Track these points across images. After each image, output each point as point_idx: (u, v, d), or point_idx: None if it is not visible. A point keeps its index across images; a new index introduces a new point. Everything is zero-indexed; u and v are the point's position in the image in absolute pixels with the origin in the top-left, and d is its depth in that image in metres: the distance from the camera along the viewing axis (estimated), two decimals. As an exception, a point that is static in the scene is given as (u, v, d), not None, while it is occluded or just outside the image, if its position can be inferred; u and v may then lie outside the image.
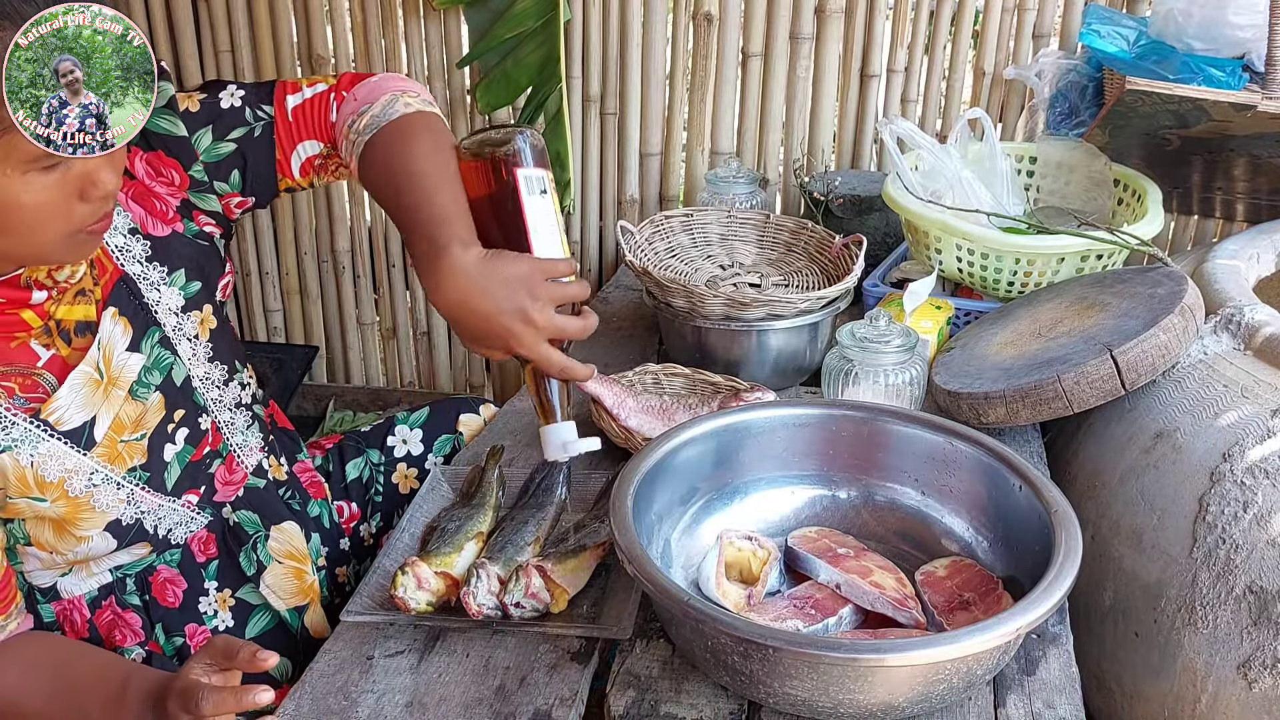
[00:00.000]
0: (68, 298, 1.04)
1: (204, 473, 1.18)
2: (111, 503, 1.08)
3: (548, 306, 1.00)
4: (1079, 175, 1.72)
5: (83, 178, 0.91)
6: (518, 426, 1.44)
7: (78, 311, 1.05)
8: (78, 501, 1.05)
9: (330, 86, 1.16)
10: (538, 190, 1.05)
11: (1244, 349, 1.31)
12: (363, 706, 0.96)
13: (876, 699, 0.88)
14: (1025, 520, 1.04)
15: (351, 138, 1.12)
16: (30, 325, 1.02)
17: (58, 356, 1.04)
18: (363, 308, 2.46)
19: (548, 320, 1.00)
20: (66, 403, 1.03)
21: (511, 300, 0.98)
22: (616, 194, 2.21)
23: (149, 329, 1.10)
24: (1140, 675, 1.23)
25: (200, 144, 1.12)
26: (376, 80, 1.16)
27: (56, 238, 0.93)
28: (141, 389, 1.09)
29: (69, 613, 1.15)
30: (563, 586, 1.05)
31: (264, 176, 1.16)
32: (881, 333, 1.31)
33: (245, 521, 1.23)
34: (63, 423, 1.03)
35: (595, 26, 2.05)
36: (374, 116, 1.11)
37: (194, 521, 1.18)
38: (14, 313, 1.00)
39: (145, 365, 1.10)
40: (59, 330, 1.04)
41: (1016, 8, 1.94)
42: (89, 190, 0.92)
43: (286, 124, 1.15)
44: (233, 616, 1.22)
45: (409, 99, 1.13)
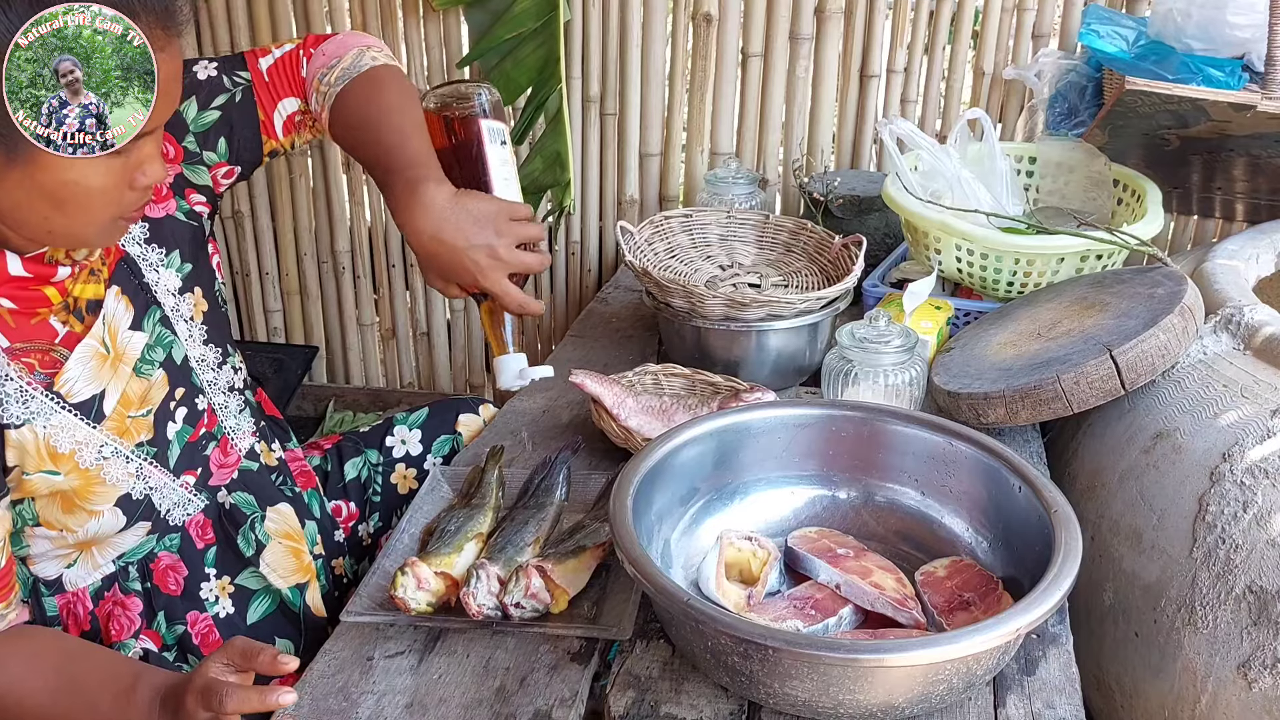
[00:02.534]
0: (83, 276, 1.07)
1: (200, 454, 1.20)
2: (121, 476, 1.10)
3: (512, 244, 1.10)
4: (1078, 175, 1.72)
5: (138, 164, 0.95)
6: (518, 427, 1.44)
7: (89, 290, 1.08)
8: (89, 474, 1.07)
9: (297, 45, 1.22)
10: (498, 140, 1.17)
11: (1244, 349, 1.31)
12: (363, 707, 0.95)
13: (876, 699, 0.88)
14: (1025, 520, 1.04)
15: (323, 90, 1.18)
16: (52, 301, 1.04)
17: (72, 333, 1.06)
18: (363, 308, 2.46)
19: (511, 255, 1.10)
20: (75, 375, 1.05)
21: (480, 236, 1.08)
22: (616, 194, 2.21)
23: (149, 308, 1.13)
24: (1140, 675, 1.23)
25: (188, 114, 1.16)
26: (341, 37, 1.23)
27: (104, 220, 0.97)
28: (146, 366, 1.12)
29: (72, 605, 1.16)
30: (563, 587, 1.05)
31: (249, 140, 1.20)
32: (881, 333, 1.31)
33: (241, 503, 1.24)
34: (73, 394, 1.05)
35: (595, 27, 2.05)
36: (344, 70, 1.18)
37: (190, 504, 1.19)
38: (38, 289, 1.02)
39: (148, 343, 1.13)
40: (74, 308, 1.07)
41: (1016, 8, 1.94)
42: (139, 178, 0.96)
43: (264, 84, 1.20)
44: (233, 603, 1.23)
45: (375, 54, 1.21)
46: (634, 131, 2.13)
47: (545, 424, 1.45)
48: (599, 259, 2.29)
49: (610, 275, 2.23)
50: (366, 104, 1.16)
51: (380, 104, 1.15)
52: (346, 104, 1.17)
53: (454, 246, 1.08)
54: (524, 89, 2.05)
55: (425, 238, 1.08)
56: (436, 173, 1.10)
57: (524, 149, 2.14)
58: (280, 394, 2.32)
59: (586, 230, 2.25)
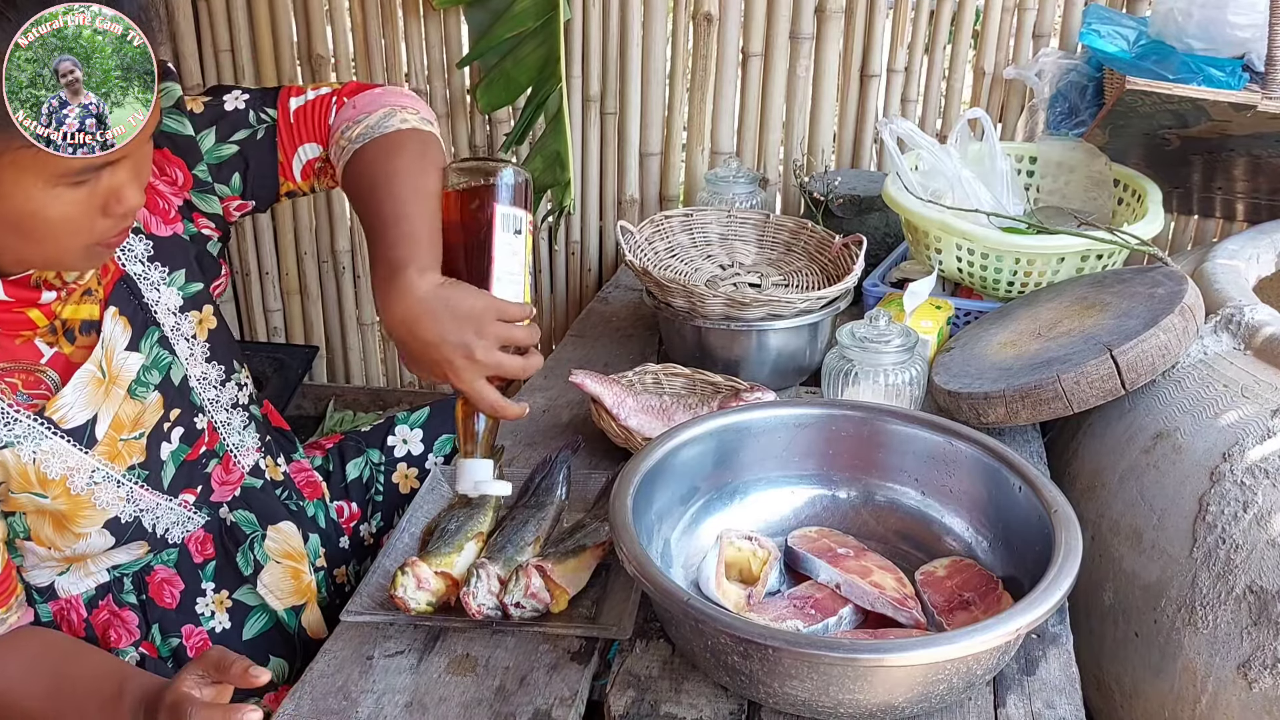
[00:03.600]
0: (74, 298, 1.05)
1: (200, 472, 1.18)
2: (111, 500, 1.08)
3: (492, 346, 1.00)
4: (1079, 175, 1.72)
5: (109, 193, 0.92)
6: (517, 426, 1.44)
7: (83, 311, 1.06)
8: (78, 499, 1.05)
9: (333, 90, 1.17)
10: (512, 229, 1.05)
11: (1244, 349, 1.31)
12: (363, 707, 0.95)
13: (876, 699, 0.88)
14: (1025, 520, 1.04)
15: (342, 144, 1.12)
16: (36, 324, 1.02)
17: (60, 354, 1.05)
18: (363, 308, 2.46)
19: (489, 357, 0.99)
20: (70, 401, 1.04)
21: (458, 333, 0.98)
22: (616, 194, 2.21)
23: (148, 328, 1.11)
24: (1140, 675, 1.23)
25: (204, 144, 1.13)
26: (379, 92, 1.16)
27: (76, 248, 0.94)
28: (140, 388, 1.10)
29: (66, 612, 1.15)
30: (563, 586, 1.05)
31: (265, 179, 1.16)
32: (881, 333, 1.31)
33: (242, 521, 1.23)
34: (66, 420, 1.04)
35: (595, 26, 2.05)
36: (368, 127, 1.11)
37: (191, 521, 1.18)
38: (21, 311, 1.00)
39: (144, 365, 1.10)
40: (64, 329, 1.05)
41: (1016, 8, 1.94)
42: (113, 206, 0.93)
43: (289, 126, 1.15)
44: (230, 618, 1.22)
45: (408, 115, 1.13)
46: (634, 131, 2.13)
47: (545, 424, 1.45)
48: (599, 258, 2.29)
49: (610, 275, 2.23)
50: (376, 168, 1.08)
51: (389, 170, 1.07)
52: (359, 164, 1.10)
53: (426, 341, 0.98)
54: (524, 89, 2.05)
55: (397, 324, 0.99)
56: (425, 257, 1.00)
57: (524, 149, 2.14)
58: (280, 394, 2.32)
59: (586, 230, 2.25)
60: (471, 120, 2.21)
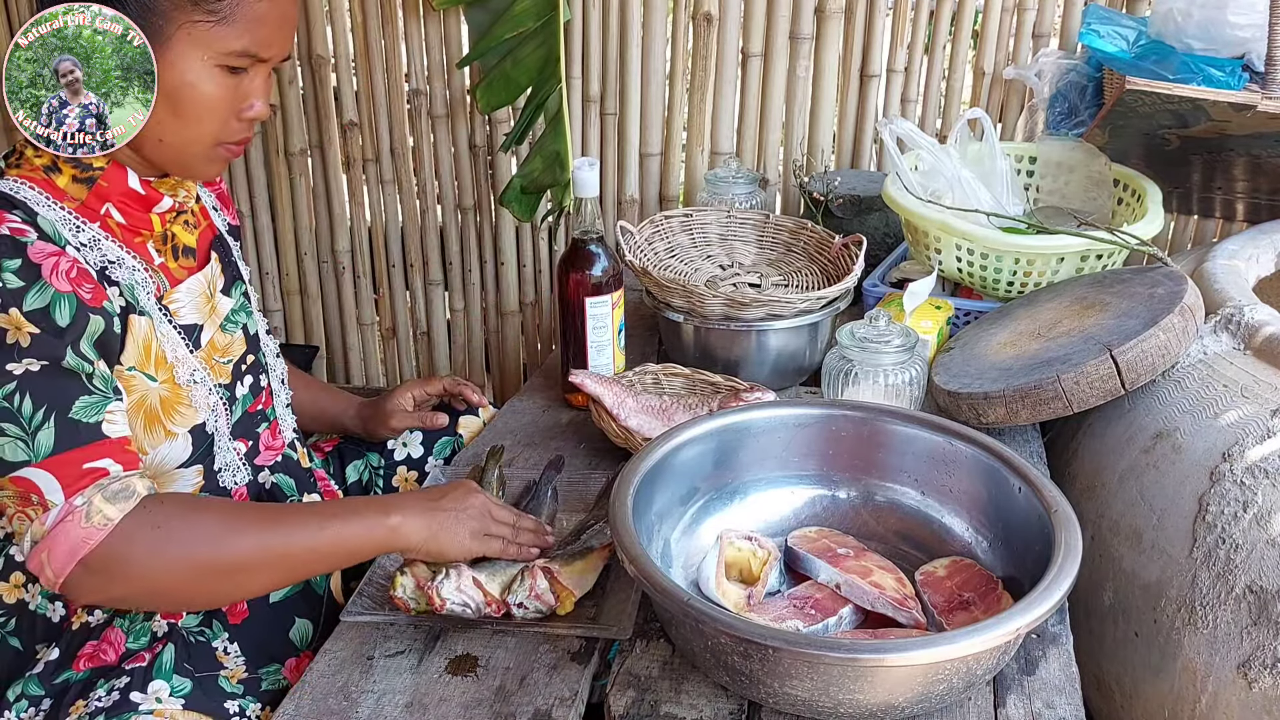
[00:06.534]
0: (181, 220, 1.14)
1: (253, 429, 1.22)
2: (203, 405, 1.13)
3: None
4: (1079, 175, 1.72)
5: (246, 96, 1.02)
6: (517, 426, 1.44)
7: (184, 236, 1.15)
8: (179, 390, 1.10)
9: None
10: None
11: (1244, 349, 1.31)
12: (363, 707, 0.95)
13: (876, 699, 0.88)
14: (1025, 520, 1.04)
15: None
16: (153, 228, 1.09)
17: (165, 265, 1.11)
18: (363, 308, 2.46)
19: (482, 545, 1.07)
20: (183, 301, 1.11)
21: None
22: (616, 194, 2.20)
23: (235, 282, 1.21)
24: (1140, 675, 1.23)
25: None
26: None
27: (207, 138, 1.03)
28: (230, 324, 1.18)
29: None
30: (569, 588, 1.05)
31: None
32: (881, 333, 1.31)
33: (282, 484, 1.26)
34: (179, 315, 1.10)
35: (595, 26, 2.05)
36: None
37: (239, 473, 1.20)
38: (143, 212, 1.07)
39: (233, 308, 1.18)
40: (170, 243, 1.12)
41: (1016, 8, 1.94)
42: (245, 110, 1.03)
43: None
44: None
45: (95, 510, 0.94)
46: (634, 131, 2.13)
47: (545, 424, 1.45)
48: (599, 259, 2.29)
49: (610, 275, 2.23)
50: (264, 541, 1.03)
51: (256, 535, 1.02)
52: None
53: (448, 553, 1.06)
54: (524, 89, 2.05)
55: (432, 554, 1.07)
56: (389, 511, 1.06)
57: (524, 149, 2.14)
58: (280, 394, 2.32)
59: (586, 230, 2.25)
60: (471, 120, 2.20)
